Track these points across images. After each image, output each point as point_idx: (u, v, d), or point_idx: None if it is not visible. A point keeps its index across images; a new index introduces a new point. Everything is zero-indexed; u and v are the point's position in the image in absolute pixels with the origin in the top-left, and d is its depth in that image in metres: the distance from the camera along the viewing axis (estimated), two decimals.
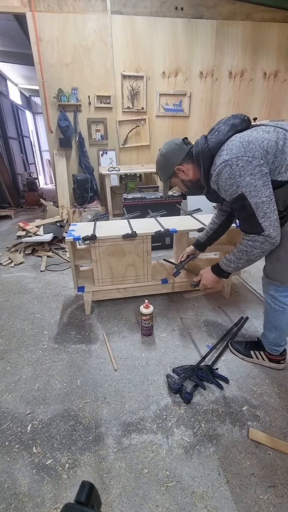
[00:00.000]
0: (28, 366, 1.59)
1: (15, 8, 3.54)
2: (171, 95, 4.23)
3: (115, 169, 4.15)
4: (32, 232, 3.47)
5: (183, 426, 1.22)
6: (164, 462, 1.09)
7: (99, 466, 1.09)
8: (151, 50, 3.96)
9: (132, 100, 4.14)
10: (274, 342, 1.43)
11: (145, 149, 4.44)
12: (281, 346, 1.45)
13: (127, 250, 1.91)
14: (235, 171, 1.01)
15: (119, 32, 3.80)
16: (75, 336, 1.83)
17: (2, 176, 5.93)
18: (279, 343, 1.43)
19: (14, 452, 1.14)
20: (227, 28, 4.02)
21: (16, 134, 8.16)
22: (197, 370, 1.47)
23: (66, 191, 4.19)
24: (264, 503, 0.97)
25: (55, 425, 1.25)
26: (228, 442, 1.16)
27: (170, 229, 1.91)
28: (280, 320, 1.33)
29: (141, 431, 1.21)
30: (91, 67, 3.90)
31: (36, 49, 3.68)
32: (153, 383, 1.45)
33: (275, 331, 1.38)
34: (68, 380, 1.49)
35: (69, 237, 1.83)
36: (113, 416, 1.28)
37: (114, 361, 1.59)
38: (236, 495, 0.99)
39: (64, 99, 3.91)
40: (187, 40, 3.99)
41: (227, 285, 2.19)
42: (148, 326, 1.76)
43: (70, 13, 3.62)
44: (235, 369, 1.52)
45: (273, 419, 1.24)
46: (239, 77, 4.30)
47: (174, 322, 1.95)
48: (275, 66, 4.31)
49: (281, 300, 1.26)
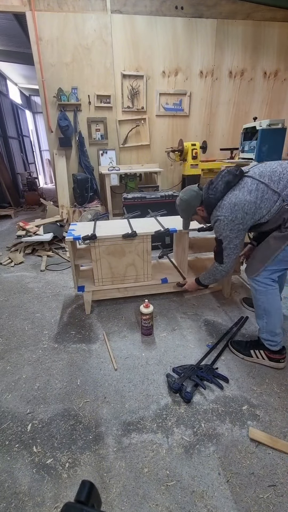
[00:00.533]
0: (28, 366, 1.59)
1: (15, 7, 3.53)
2: (171, 95, 4.23)
3: (115, 168, 4.15)
4: (32, 231, 3.47)
5: (183, 426, 1.23)
6: (164, 461, 1.09)
7: (99, 465, 1.09)
8: (151, 49, 3.96)
9: (132, 99, 4.13)
10: (269, 330, 1.48)
11: (145, 149, 4.43)
12: (276, 335, 1.47)
13: (127, 250, 1.91)
14: (221, 225, 1.43)
15: (119, 32, 3.80)
16: (75, 336, 1.83)
17: (2, 176, 5.93)
18: (274, 330, 1.47)
19: (14, 452, 1.15)
20: (227, 27, 4.02)
21: (16, 134, 8.15)
22: (197, 369, 1.47)
23: (66, 191, 4.19)
24: (264, 502, 0.97)
25: (55, 425, 1.25)
26: (228, 441, 1.16)
27: (170, 229, 1.91)
28: (266, 301, 1.46)
29: (141, 430, 1.21)
30: (91, 67, 3.89)
31: (36, 48, 3.68)
32: (153, 382, 1.45)
33: (265, 316, 1.48)
34: (68, 379, 1.49)
35: (69, 236, 1.83)
36: (113, 415, 1.28)
37: (114, 361, 1.59)
38: (236, 494, 0.99)
39: (64, 99, 3.90)
40: (187, 39, 3.99)
41: (227, 285, 2.19)
42: (148, 326, 1.76)
43: (70, 12, 3.62)
44: (235, 369, 1.52)
45: (273, 419, 1.24)
46: (239, 77, 4.30)
47: (174, 321, 1.95)
48: (275, 65, 4.30)
49: (262, 280, 1.44)
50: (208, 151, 4.16)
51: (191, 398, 1.33)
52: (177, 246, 2.26)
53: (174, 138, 4.44)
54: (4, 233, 4.22)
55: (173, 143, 4.42)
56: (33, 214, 5.47)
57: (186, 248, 2.02)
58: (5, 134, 6.93)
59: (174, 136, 4.44)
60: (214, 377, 1.43)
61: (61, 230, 3.68)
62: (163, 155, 4.38)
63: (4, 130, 6.86)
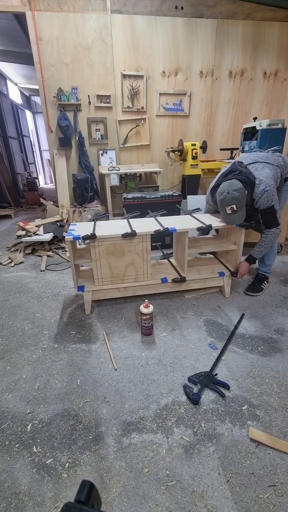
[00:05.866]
0: (28, 366, 1.59)
1: (15, 7, 3.53)
2: (171, 95, 4.23)
3: (115, 168, 4.15)
4: (32, 231, 3.47)
5: (183, 426, 1.22)
6: (164, 461, 1.09)
7: (99, 465, 1.09)
8: (151, 49, 3.95)
9: (132, 99, 4.13)
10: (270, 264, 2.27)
11: (145, 149, 4.43)
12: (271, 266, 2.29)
13: (126, 250, 1.91)
14: (270, 193, 1.82)
15: (119, 31, 3.80)
16: (75, 336, 1.83)
17: (2, 176, 5.93)
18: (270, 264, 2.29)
19: (14, 452, 1.15)
20: (227, 27, 4.02)
21: (16, 134, 8.15)
22: (212, 377, 1.45)
23: (66, 191, 4.19)
24: (264, 502, 0.97)
25: (55, 425, 1.25)
26: (228, 441, 1.16)
27: (170, 229, 1.91)
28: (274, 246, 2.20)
29: (141, 430, 1.21)
30: (91, 67, 3.89)
31: (36, 48, 3.67)
32: (153, 382, 1.45)
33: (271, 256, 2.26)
34: (68, 379, 1.49)
35: (69, 236, 1.83)
36: (113, 415, 1.28)
37: (114, 361, 1.59)
38: (236, 494, 0.99)
39: (64, 99, 3.90)
40: (187, 39, 3.99)
41: (227, 285, 2.19)
42: (148, 326, 1.76)
43: (70, 12, 3.62)
44: (235, 369, 1.52)
45: (273, 419, 1.24)
46: (239, 77, 4.29)
47: (174, 321, 1.95)
48: (275, 65, 4.30)
49: None
50: (208, 151, 4.15)
51: (199, 399, 1.32)
52: (176, 245, 2.26)
53: (174, 138, 4.44)
54: (4, 233, 4.22)
55: (173, 143, 4.42)
56: (33, 214, 5.47)
57: (186, 248, 2.01)
58: (5, 134, 6.93)
59: (174, 136, 4.44)
60: (214, 384, 1.41)
61: (61, 230, 3.68)
62: (163, 155, 4.38)
63: (4, 130, 6.86)
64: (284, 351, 1.65)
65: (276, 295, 2.25)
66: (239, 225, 2.01)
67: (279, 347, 1.68)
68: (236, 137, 4.49)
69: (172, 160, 4.20)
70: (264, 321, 1.93)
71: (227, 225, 2.00)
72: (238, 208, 1.85)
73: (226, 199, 1.83)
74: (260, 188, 1.82)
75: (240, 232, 2.07)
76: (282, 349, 1.67)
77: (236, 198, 1.81)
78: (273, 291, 2.31)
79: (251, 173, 1.86)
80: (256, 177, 1.84)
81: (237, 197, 1.81)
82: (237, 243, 2.13)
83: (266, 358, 1.59)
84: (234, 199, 1.82)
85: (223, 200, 1.85)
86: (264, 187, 1.81)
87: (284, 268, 2.73)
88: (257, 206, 1.90)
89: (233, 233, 2.19)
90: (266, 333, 1.80)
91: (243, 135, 3.25)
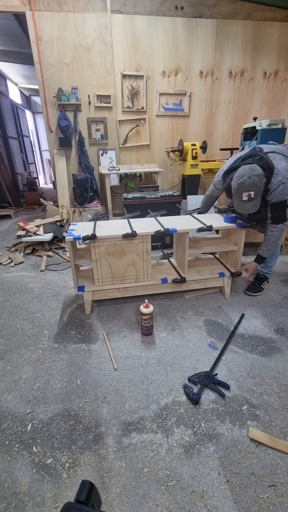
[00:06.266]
0: (28, 366, 1.59)
1: (14, 7, 3.53)
2: (171, 95, 4.22)
3: (115, 168, 4.15)
4: (32, 231, 3.47)
5: (183, 426, 1.23)
6: (164, 461, 1.09)
7: (99, 465, 1.09)
8: (151, 49, 3.95)
9: (132, 99, 4.13)
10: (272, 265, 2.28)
11: (145, 149, 4.43)
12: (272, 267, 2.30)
13: (127, 250, 1.91)
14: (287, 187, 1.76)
15: (119, 31, 3.80)
16: (75, 336, 1.83)
17: (2, 176, 5.93)
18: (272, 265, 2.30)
19: (14, 452, 1.15)
20: (227, 27, 4.02)
21: (16, 134, 8.15)
22: (212, 376, 1.45)
23: (66, 191, 4.19)
24: (264, 502, 0.97)
25: (55, 425, 1.25)
26: (228, 441, 1.16)
27: (170, 229, 1.91)
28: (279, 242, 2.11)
29: (141, 430, 1.21)
30: (91, 67, 3.89)
31: (36, 48, 3.67)
32: (153, 382, 1.45)
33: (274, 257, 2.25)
34: (68, 379, 1.49)
35: (69, 236, 1.83)
36: (113, 415, 1.28)
37: (114, 361, 1.59)
38: (236, 494, 0.99)
39: (64, 99, 3.90)
40: (187, 39, 3.99)
41: (227, 285, 2.19)
42: (148, 326, 1.76)
43: (70, 12, 3.62)
44: (235, 369, 1.52)
45: (273, 419, 1.24)
46: (239, 77, 4.29)
47: (174, 321, 1.95)
48: (275, 65, 4.30)
49: None
50: (208, 151, 4.15)
51: (199, 399, 1.33)
52: (177, 245, 2.26)
53: (174, 138, 4.44)
54: (4, 233, 4.22)
55: (173, 143, 4.42)
56: (33, 214, 5.47)
57: (186, 248, 2.02)
58: (5, 134, 6.93)
59: (174, 136, 4.44)
60: (214, 384, 1.41)
61: (61, 230, 3.68)
62: (163, 155, 4.38)
63: (4, 130, 6.86)
64: (284, 351, 1.65)
65: (276, 295, 2.25)
66: (239, 226, 2.00)
67: (279, 347, 1.68)
68: (236, 137, 4.49)
69: (172, 160, 4.20)
70: (264, 321, 1.93)
71: (229, 225, 2.00)
72: (255, 196, 1.72)
73: (246, 183, 1.68)
74: (277, 179, 1.74)
75: (240, 233, 2.07)
76: (282, 349, 1.67)
77: (255, 184, 1.68)
78: (273, 291, 2.31)
79: (271, 161, 1.76)
80: (275, 166, 1.75)
81: (257, 183, 1.69)
82: (237, 243, 2.13)
83: (266, 358, 1.60)
84: (253, 185, 1.68)
85: (242, 184, 1.69)
86: (281, 179, 1.73)
87: (284, 268, 2.73)
88: (269, 198, 1.80)
89: (234, 233, 2.19)
90: (266, 333, 1.81)
91: (243, 135, 3.25)
